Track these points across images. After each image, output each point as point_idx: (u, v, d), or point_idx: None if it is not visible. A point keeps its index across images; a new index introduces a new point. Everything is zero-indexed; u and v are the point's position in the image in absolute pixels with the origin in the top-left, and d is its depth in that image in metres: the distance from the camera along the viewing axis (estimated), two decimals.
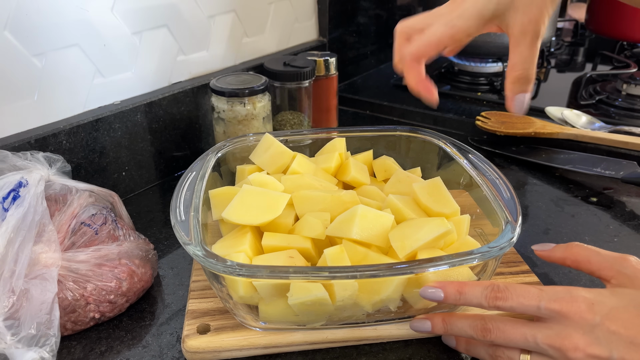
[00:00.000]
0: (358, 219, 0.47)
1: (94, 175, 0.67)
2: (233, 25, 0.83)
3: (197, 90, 0.77)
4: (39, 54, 0.60)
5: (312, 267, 0.44)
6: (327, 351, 0.48)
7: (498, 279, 0.53)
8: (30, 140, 0.60)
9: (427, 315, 0.46)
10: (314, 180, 0.55)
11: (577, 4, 1.52)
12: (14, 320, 0.43)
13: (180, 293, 0.55)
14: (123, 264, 0.50)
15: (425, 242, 0.46)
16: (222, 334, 0.47)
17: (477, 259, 0.43)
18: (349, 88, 1.09)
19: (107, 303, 0.49)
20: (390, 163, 0.63)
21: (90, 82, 0.67)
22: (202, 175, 0.54)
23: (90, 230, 0.51)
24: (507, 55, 0.47)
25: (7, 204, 0.47)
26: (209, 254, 0.42)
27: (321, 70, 0.84)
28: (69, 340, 0.49)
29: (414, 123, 0.95)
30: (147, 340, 0.49)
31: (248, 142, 0.62)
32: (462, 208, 0.53)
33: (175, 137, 0.76)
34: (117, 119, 0.68)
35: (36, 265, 0.46)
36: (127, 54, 0.70)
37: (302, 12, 0.96)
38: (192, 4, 0.75)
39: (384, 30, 1.18)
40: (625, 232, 0.64)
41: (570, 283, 0.56)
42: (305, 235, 0.49)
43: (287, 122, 0.83)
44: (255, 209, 0.49)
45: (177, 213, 0.47)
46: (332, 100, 0.88)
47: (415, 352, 0.48)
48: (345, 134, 0.64)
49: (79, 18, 0.63)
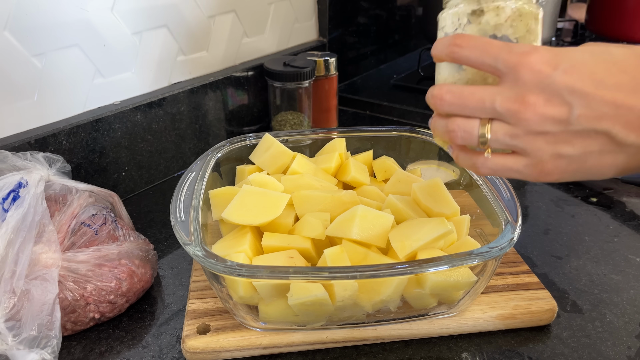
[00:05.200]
0: (358, 219, 0.47)
1: (94, 176, 0.67)
2: (233, 25, 0.83)
3: (197, 90, 0.77)
4: (39, 54, 0.60)
5: (312, 268, 0.44)
6: (327, 351, 0.48)
7: (498, 279, 0.53)
8: (30, 141, 0.60)
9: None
10: (314, 180, 0.55)
11: (577, 4, 1.52)
12: (15, 322, 0.43)
13: (180, 293, 0.55)
14: (123, 264, 0.50)
15: (425, 242, 0.46)
16: (222, 334, 0.47)
17: (477, 259, 0.43)
18: (349, 88, 1.08)
19: (107, 303, 0.49)
20: (390, 163, 0.63)
21: (90, 82, 0.67)
22: (202, 175, 0.54)
23: (90, 230, 0.51)
24: None
25: (7, 204, 0.47)
26: (209, 254, 0.42)
27: (321, 70, 0.84)
28: (68, 340, 0.49)
29: (414, 123, 0.95)
30: (147, 341, 0.49)
31: (248, 142, 0.62)
32: (462, 208, 0.53)
33: (175, 137, 0.76)
34: (117, 119, 0.68)
35: (36, 265, 0.46)
36: (127, 54, 0.70)
37: (302, 12, 0.96)
38: (192, 4, 0.75)
39: (384, 30, 1.18)
40: (625, 232, 0.64)
41: (571, 282, 0.56)
42: (305, 235, 0.49)
43: (287, 122, 0.83)
44: (255, 209, 0.49)
45: (177, 213, 0.47)
46: (332, 101, 0.88)
47: (415, 352, 0.48)
48: (345, 134, 0.64)
49: (79, 18, 0.63)
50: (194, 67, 0.79)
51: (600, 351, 0.47)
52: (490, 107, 0.36)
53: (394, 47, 1.24)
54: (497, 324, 0.49)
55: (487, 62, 0.36)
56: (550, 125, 0.34)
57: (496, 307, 0.50)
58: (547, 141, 0.35)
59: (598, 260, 0.59)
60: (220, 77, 0.80)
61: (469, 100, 0.37)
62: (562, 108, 0.34)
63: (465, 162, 0.40)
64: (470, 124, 0.37)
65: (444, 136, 0.40)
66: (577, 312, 0.52)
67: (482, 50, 0.36)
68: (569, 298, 0.54)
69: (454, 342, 0.49)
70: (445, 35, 0.41)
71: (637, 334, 0.49)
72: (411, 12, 1.25)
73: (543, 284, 0.53)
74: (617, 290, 0.54)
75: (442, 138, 0.41)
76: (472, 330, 0.49)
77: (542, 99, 0.34)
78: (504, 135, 0.36)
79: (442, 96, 0.38)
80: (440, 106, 0.38)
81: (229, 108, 0.83)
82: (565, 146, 0.35)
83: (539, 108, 0.34)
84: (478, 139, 0.37)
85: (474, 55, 0.37)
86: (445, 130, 0.39)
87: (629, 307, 0.52)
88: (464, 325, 0.49)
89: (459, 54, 0.37)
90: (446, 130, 0.39)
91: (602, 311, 0.52)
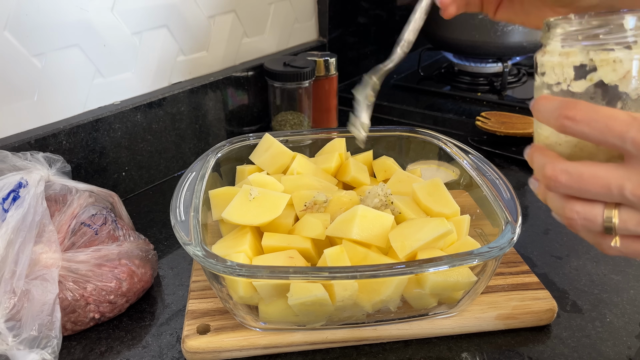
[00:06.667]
0: (358, 219, 0.47)
1: (94, 176, 0.67)
2: (233, 26, 0.83)
3: (197, 90, 0.77)
4: (39, 54, 0.60)
5: (312, 268, 0.44)
6: (327, 351, 0.48)
7: (498, 279, 0.53)
8: (30, 141, 0.60)
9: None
10: (314, 180, 0.55)
11: None
12: (16, 322, 0.43)
13: (180, 293, 0.55)
14: (123, 264, 0.50)
15: (425, 242, 0.46)
16: (222, 334, 0.47)
17: (477, 259, 0.43)
18: (349, 88, 1.08)
19: (107, 303, 0.49)
20: (390, 163, 0.63)
21: (90, 82, 0.67)
22: (202, 176, 0.54)
23: (90, 230, 0.51)
24: (507, 55, 0.47)
25: (7, 204, 0.47)
26: (209, 254, 0.42)
27: (321, 70, 0.84)
28: (68, 340, 0.49)
29: (414, 123, 0.94)
30: (147, 341, 0.49)
31: (248, 142, 0.62)
32: (462, 208, 0.53)
33: (175, 137, 0.76)
34: (117, 119, 0.68)
35: (36, 265, 0.46)
36: (127, 54, 0.70)
37: (302, 12, 0.96)
38: (192, 4, 0.75)
39: (384, 30, 1.18)
40: None
41: (571, 282, 0.56)
42: (305, 235, 0.49)
43: (287, 122, 0.83)
44: (255, 209, 0.49)
45: (177, 213, 0.47)
46: (332, 101, 0.88)
47: (415, 352, 0.48)
48: (345, 134, 0.64)
49: (79, 18, 0.63)
50: (194, 67, 0.79)
51: (600, 351, 0.47)
52: (618, 194, 0.31)
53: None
54: (497, 324, 0.49)
55: (611, 142, 0.30)
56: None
57: (496, 307, 0.50)
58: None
59: (598, 260, 0.59)
60: (220, 77, 0.80)
61: (590, 185, 0.31)
62: None
63: (588, 239, 0.35)
64: (593, 211, 0.32)
65: (560, 218, 0.35)
66: (577, 312, 0.52)
67: (604, 127, 0.30)
68: (569, 298, 0.54)
69: (454, 342, 0.49)
70: (548, 88, 0.36)
71: (637, 334, 0.49)
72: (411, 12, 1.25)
73: (543, 284, 0.53)
74: (617, 290, 0.54)
75: (558, 215, 0.35)
76: (472, 330, 0.49)
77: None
78: (636, 225, 0.31)
79: (557, 178, 0.33)
80: (555, 188, 0.33)
81: (229, 108, 0.83)
82: None
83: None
84: (603, 226, 0.32)
85: (593, 134, 0.31)
86: (562, 213, 0.34)
87: (629, 307, 0.52)
88: (464, 325, 0.49)
89: (572, 130, 0.32)
90: (563, 215, 0.34)
91: (602, 311, 0.52)
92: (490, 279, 0.47)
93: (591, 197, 0.32)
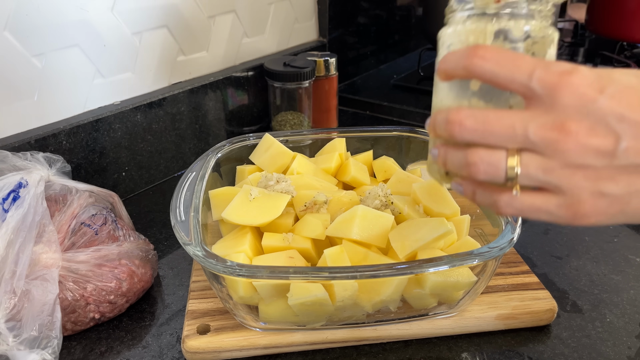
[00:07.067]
0: (358, 219, 0.47)
1: (94, 176, 0.67)
2: (233, 26, 0.83)
3: (197, 90, 0.77)
4: (39, 54, 0.60)
5: (312, 268, 0.44)
6: (327, 351, 0.48)
7: (498, 279, 0.53)
8: (30, 141, 0.60)
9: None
10: (314, 180, 0.55)
11: (577, 5, 1.52)
12: (16, 322, 0.43)
13: (180, 293, 0.55)
14: (123, 265, 0.50)
15: (425, 243, 0.46)
16: (222, 334, 0.47)
17: (477, 260, 0.43)
18: (348, 88, 1.08)
19: (107, 303, 0.49)
20: (390, 163, 0.63)
21: (90, 83, 0.67)
22: (202, 176, 0.54)
23: (90, 230, 0.51)
24: None
25: (7, 204, 0.47)
26: (209, 254, 0.42)
27: (321, 70, 0.84)
28: (68, 340, 0.49)
29: (414, 123, 0.95)
30: (147, 341, 0.49)
31: (248, 142, 0.62)
32: (462, 208, 0.53)
33: (175, 137, 0.76)
34: (117, 119, 0.68)
35: (37, 265, 0.46)
36: (127, 54, 0.70)
37: (302, 12, 0.96)
38: (192, 4, 0.75)
39: (384, 30, 1.18)
40: (626, 232, 0.64)
41: (571, 282, 0.56)
42: (305, 235, 0.49)
43: (287, 122, 0.83)
44: (255, 209, 0.49)
45: (177, 213, 0.47)
46: (332, 101, 0.88)
47: (415, 352, 0.48)
48: (345, 134, 0.64)
49: (79, 18, 0.63)
50: (194, 67, 0.79)
51: (600, 351, 0.47)
52: (522, 134, 0.30)
53: (394, 47, 1.24)
54: (497, 324, 0.49)
55: (518, 80, 0.30)
56: (593, 159, 0.29)
57: (496, 307, 0.50)
58: (586, 177, 0.30)
59: (598, 260, 0.59)
60: (220, 77, 0.80)
61: (495, 127, 0.31)
62: (607, 138, 0.29)
63: (484, 200, 0.34)
64: (496, 155, 0.31)
65: (460, 170, 0.33)
66: (577, 312, 0.52)
67: (513, 64, 0.31)
68: (569, 298, 0.54)
69: (454, 342, 0.49)
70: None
71: (637, 334, 0.49)
72: (411, 12, 1.25)
73: (543, 284, 0.53)
74: (617, 290, 0.54)
75: (459, 172, 0.34)
76: (472, 330, 0.49)
77: (585, 127, 0.29)
78: (537, 169, 0.31)
79: (462, 121, 0.32)
80: (459, 133, 0.32)
81: (229, 108, 0.83)
82: (608, 183, 0.30)
83: (581, 137, 0.29)
84: (506, 173, 0.31)
85: (502, 71, 0.31)
86: (464, 163, 0.33)
87: (629, 307, 0.52)
88: (464, 326, 0.49)
89: (482, 68, 0.31)
90: (465, 163, 0.33)
91: (602, 311, 0.52)
92: (490, 279, 0.47)
93: (495, 141, 0.31)
